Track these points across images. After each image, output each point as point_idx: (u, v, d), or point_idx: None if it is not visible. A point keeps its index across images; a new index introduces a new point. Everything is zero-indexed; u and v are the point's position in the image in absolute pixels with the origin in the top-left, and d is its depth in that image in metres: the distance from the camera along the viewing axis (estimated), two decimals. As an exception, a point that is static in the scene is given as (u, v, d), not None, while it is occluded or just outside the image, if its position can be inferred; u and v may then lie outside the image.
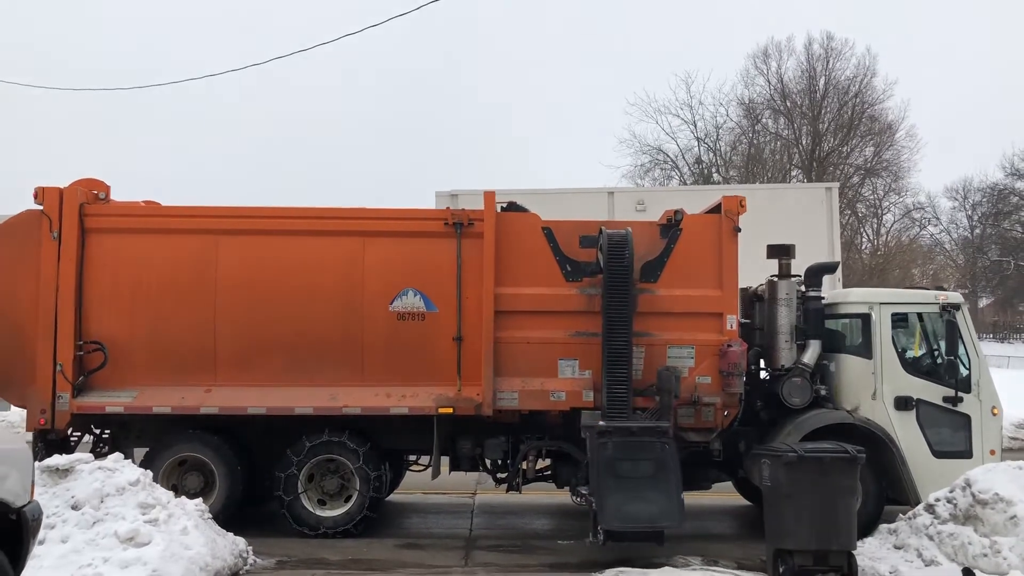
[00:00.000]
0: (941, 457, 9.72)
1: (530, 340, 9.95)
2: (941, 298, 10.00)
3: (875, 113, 53.31)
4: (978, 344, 10.13)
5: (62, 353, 9.76)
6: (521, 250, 10.02)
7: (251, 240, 10.06)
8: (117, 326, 9.93)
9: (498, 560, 9.21)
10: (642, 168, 53.09)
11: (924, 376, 10.02)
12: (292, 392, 9.88)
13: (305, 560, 8.95)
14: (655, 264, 10.02)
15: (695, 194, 25.31)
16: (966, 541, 8.15)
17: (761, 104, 54.59)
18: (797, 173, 53.13)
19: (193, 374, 9.94)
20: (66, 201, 9.88)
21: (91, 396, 9.86)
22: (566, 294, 10.00)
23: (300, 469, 9.85)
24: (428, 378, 9.94)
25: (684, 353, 9.94)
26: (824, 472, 8.02)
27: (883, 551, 8.60)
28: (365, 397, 9.87)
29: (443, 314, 9.97)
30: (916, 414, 9.86)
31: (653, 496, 8.62)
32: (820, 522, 7.97)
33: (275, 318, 9.95)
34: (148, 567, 7.31)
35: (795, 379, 9.95)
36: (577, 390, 9.88)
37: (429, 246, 10.05)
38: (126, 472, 8.26)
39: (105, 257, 9.98)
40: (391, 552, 9.47)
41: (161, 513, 7.94)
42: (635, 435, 8.86)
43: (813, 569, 8.06)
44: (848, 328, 10.40)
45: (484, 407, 9.78)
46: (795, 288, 10.25)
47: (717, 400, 9.85)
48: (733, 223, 9.96)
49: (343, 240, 10.06)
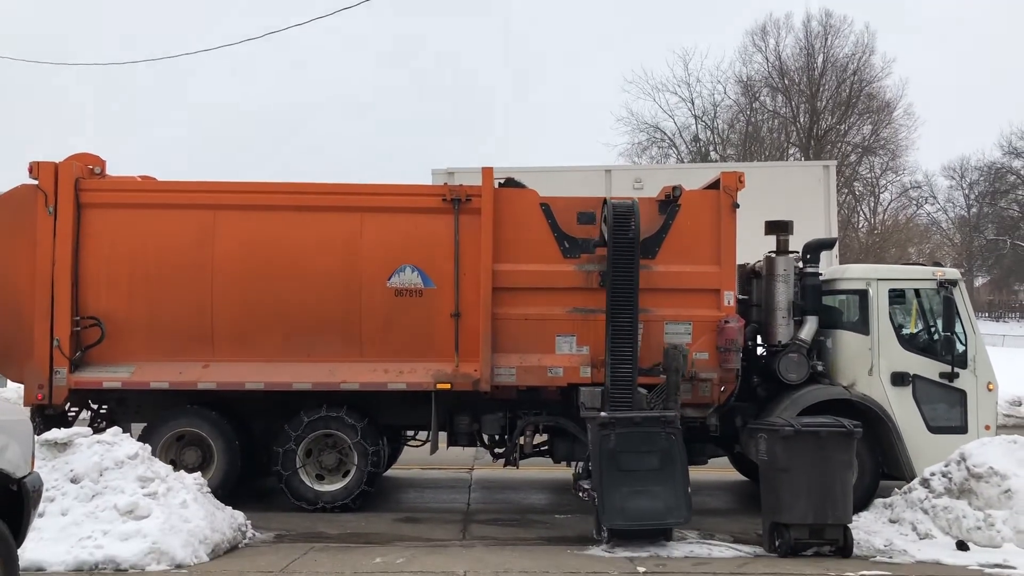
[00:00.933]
0: (937, 432, 9.76)
1: (528, 316, 9.96)
2: (938, 274, 10.01)
3: (873, 91, 53.29)
4: (975, 320, 10.15)
5: (59, 329, 9.75)
6: (519, 226, 10.00)
7: (249, 215, 10.02)
8: (114, 301, 9.92)
9: (496, 533, 9.25)
10: (639, 146, 53.14)
11: (921, 352, 10.05)
12: (290, 367, 9.88)
13: (304, 534, 8.97)
14: (653, 240, 10.01)
15: (692, 172, 25.26)
16: (960, 514, 8.23)
17: (759, 82, 54.54)
18: (794, 151, 53.09)
19: (191, 350, 9.94)
20: (61, 176, 9.83)
21: (89, 371, 9.86)
22: (564, 270, 9.99)
23: (298, 444, 9.88)
24: (426, 354, 9.95)
25: (681, 329, 9.96)
26: (821, 446, 8.06)
27: (878, 525, 8.67)
28: (363, 373, 9.88)
29: (441, 290, 9.96)
30: (912, 390, 9.90)
31: (659, 491, 8.37)
32: (816, 496, 8.02)
33: (273, 294, 9.93)
34: (148, 539, 7.35)
35: (792, 355, 9.96)
36: (575, 366, 9.89)
37: (427, 222, 10.03)
38: (125, 446, 8.27)
39: (101, 232, 9.94)
40: (390, 526, 9.51)
41: (160, 487, 7.96)
42: (640, 426, 8.53)
43: (809, 543, 8.12)
44: (845, 304, 10.41)
45: (482, 383, 9.80)
46: (793, 264, 10.25)
47: (714, 376, 9.87)
48: (731, 199, 9.95)
49: (341, 216, 10.03)
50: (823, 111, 53.49)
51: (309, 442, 9.97)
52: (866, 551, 8.18)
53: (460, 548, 8.52)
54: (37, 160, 9.85)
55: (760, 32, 53.75)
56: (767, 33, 53.56)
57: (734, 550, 8.35)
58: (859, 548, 8.17)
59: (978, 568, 7.58)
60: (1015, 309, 63.95)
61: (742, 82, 54.01)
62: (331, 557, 7.85)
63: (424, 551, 8.18)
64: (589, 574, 7.34)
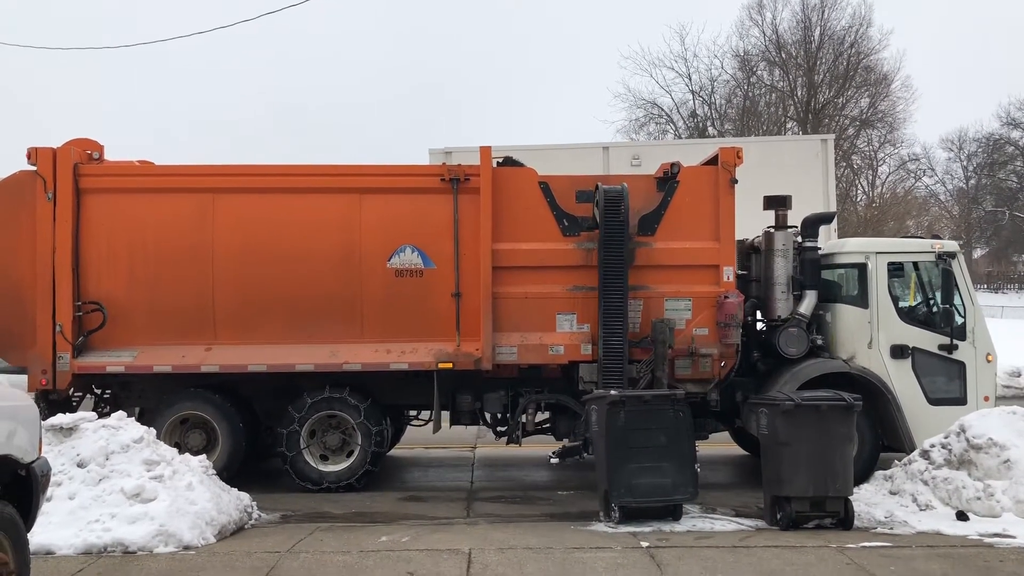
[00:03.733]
0: (936, 404, 9.81)
1: (528, 295, 9.99)
2: (937, 247, 10.03)
3: (870, 64, 52.93)
4: (973, 292, 10.17)
5: (61, 314, 9.78)
6: (518, 205, 10.01)
7: (248, 198, 10.03)
8: (115, 286, 9.94)
9: (499, 511, 9.32)
10: (637, 123, 52.79)
11: (920, 324, 10.10)
12: (292, 349, 9.92)
13: (309, 514, 9.04)
14: (652, 217, 10.03)
15: (690, 148, 25.12)
16: (960, 485, 8.28)
17: (756, 56, 54.18)
18: (792, 125, 52.83)
19: (193, 333, 9.98)
20: (60, 162, 9.83)
21: (92, 356, 9.90)
22: (563, 249, 10.02)
23: (302, 425, 9.94)
24: (427, 334, 9.99)
25: (681, 305, 9.99)
26: (821, 420, 8.11)
27: (879, 497, 8.73)
28: (365, 353, 9.92)
29: (441, 270, 9.99)
30: (912, 362, 9.94)
31: (667, 467, 8.40)
32: (817, 469, 8.07)
33: (273, 276, 9.96)
34: (155, 522, 7.41)
35: (791, 329, 10.01)
36: (575, 344, 9.94)
37: (426, 202, 10.04)
38: (130, 430, 8.31)
39: (101, 217, 9.96)
40: (394, 505, 9.58)
41: (166, 470, 8.02)
42: (649, 404, 8.57)
43: (810, 515, 8.18)
44: (844, 278, 10.44)
45: (483, 361, 9.84)
46: (792, 239, 10.28)
47: (714, 351, 9.92)
48: (730, 175, 9.95)
49: (340, 197, 10.03)
50: (820, 84, 53.19)
51: (313, 423, 10.04)
52: (867, 523, 8.23)
53: (464, 526, 8.57)
54: (35, 146, 9.86)
55: (757, 6, 53.41)
56: (764, 7, 53.21)
57: (736, 523, 8.39)
58: (860, 520, 8.21)
59: (978, 538, 7.62)
60: (1013, 280, 64.09)
61: (739, 56, 53.73)
62: (336, 536, 7.88)
63: (429, 529, 8.22)
64: (593, 549, 7.37)
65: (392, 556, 7.12)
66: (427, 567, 6.82)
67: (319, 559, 7.08)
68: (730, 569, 6.79)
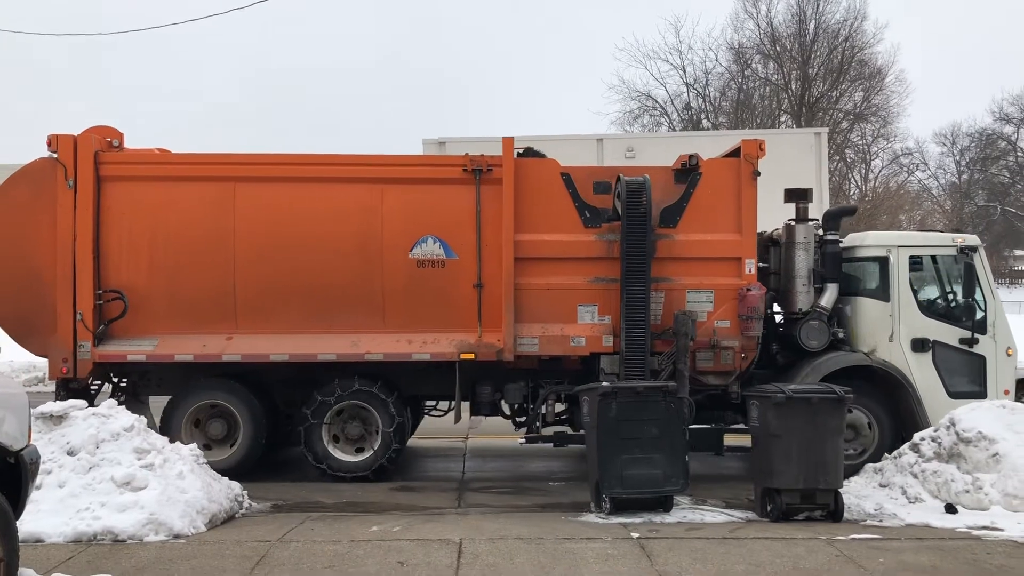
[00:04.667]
0: (956, 397, 9.83)
1: (550, 286, 9.99)
2: (959, 240, 10.07)
3: (865, 57, 52.89)
4: (994, 286, 10.23)
5: (82, 302, 9.74)
6: (540, 196, 10.00)
7: (269, 187, 10.00)
8: (136, 275, 9.91)
9: (491, 501, 9.32)
10: (631, 114, 52.66)
11: (940, 318, 10.14)
12: (313, 339, 9.90)
13: (300, 504, 8.99)
14: (674, 209, 10.03)
15: (684, 140, 25.02)
16: (949, 478, 8.34)
17: (751, 49, 54.13)
18: (786, 119, 52.83)
19: (213, 322, 9.95)
20: (80, 149, 9.78)
21: (113, 345, 9.86)
22: (585, 240, 10.01)
23: (324, 416, 9.95)
24: (448, 325, 9.98)
25: (703, 298, 10.01)
26: (812, 412, 8.10)
27: (868, 489, 8.78)
28: (386, 344, 9.90)
29: (463, 261, 9.98)
30: (932, 355, 10.00)
31: (658, 459, 8.41)
32: (807, 461, 8.07)
33: (295, 265, 9.93)
34: (145, 511, 7.35)
35: (813, 322, 10.04)
36: (597, 335, 9.95)
37: (448, 193, 10.02)
38: (120, 418, 8.24)
39: (122, 205, 9.91)
40: (386, 495, 9.53)
41: (157, 458, 7.95)
42: (641, 395, 8.54)
43: (800, 507, 8.18)
44: (865, 271, 10.46)
45: (505, 353, 9.84)
46: (813, 232, 10.30)
47: (736, 344, 9.94)
48: (752, 167, 9.97)
49: (362, 187, 10.01)
50: (815, 78, 53.17)
51: (335, 413, 10.05)
52: (856, 515, 8.25)
53: (456, 516, 8.56)
54: (56, 133, 9.80)
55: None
56: None
57: (726, 515, 8.42)
58: (849, 512, 8.22)
59: (966, 530, 7.67)
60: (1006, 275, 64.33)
61: (734, 49, 53.68)
62: (327, 526, 7.86)
63: (420, 519, 8.20)
64: (583, 540, 7.38)
65: (383, 546, 7.11)
66: (418, 557, 6.81)
67: (309, 548, 7.06)
68: (720, 560, 6.79)
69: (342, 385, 9.96)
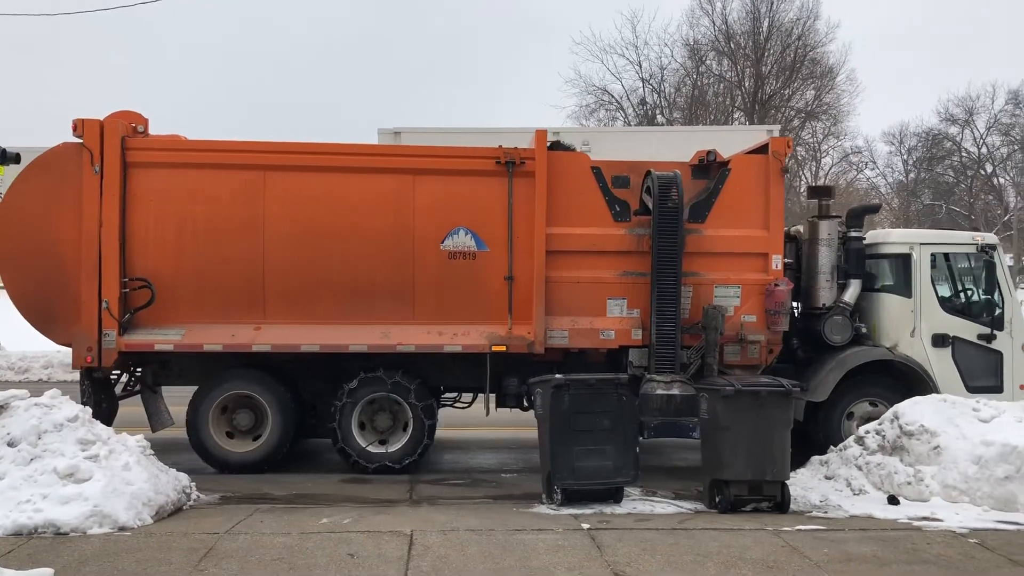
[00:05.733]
0: (974, 392, 10.04)
1: (580, 280, 10.04)
2: (979, 239, 10.36)
3: (817, 56, 53.81)
4: (1011, 283, 10.53)
5: (107, 290, 9.56)
6: (571, 190, 10.04)
7: (299, 176, 9.90)
8: (162, 263, 9.75)
9: (443, 493, 9.31)
10: (587, 108, 52.92)
11: (960, 314, 10.41)
12: (342, 330, 9.84)
13: (249, 496, 8.88)
14: (703, 204, 10.15)
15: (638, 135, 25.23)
16: (892, 470, 8.56)
17: (706, 45, 54.71)
18: (739, 115, 53.52)
19: (241, 312, 9.83)
20: (107, 134, 9.59)
21: (139, 334, 9.69)
22: (615, 234, 10.08)
23: (354, 407, 9.92)
24: (478, 317, 9.98)
25: (730, 292, 10.14)
26: (760, 405, 8.23)
27: (815, 481, 8.95)
28: (418, 335, 9.88)
29: (494, 253, 9.98)
30: (952, 351, 10.26)
31: (609, 450, 8.45)
32: (756, 454, 8.18)
33: (324, 255, 9.86)
34: (89, 503, 7.20)
35: (836, 317, 10.23)
36: (626, 328, 10.03)
37: (480, 185, 10.01)
38: (64, 408, 8.07)
39: (149, 192, 9.74)
40: (336, 487, 9.49)
41: (102, 449, 7.79)
42: (593, 387, 8.56)
43: (748, 499, 8.30)
44: (888, 268, 10.68)
45: (536, 345, 9.88)
46: (836, 228, 10.49)
47: (762, 338, 10.11)
48: (780, 164, 10.13)
49: (393, 177, 9.96)
50: (768, 76, 53.94)
51: (365, 404, 10.00)
52: (803, 506, 8.37)
53: (407, 508, 8.52)
54: (81, 117, 9.58)
55: (707, -6, 53.90)
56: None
57: (675, 506, 8.51)
58: (796, 504, 8.33)
59: (907, 521, 7.83)
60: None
61: (689, 45, 54.22)
62: (277, 518, 7.77)
63: (371, 511, 8.13)
64: (534, 531, 7.40)
65: (333, 538, 7.06)
66: (368, 549, 6.78)
67: (258, 540, 6.98)
68: (668, 551, 6.87)
69: (372, 378, 9.91)
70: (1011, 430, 8.30)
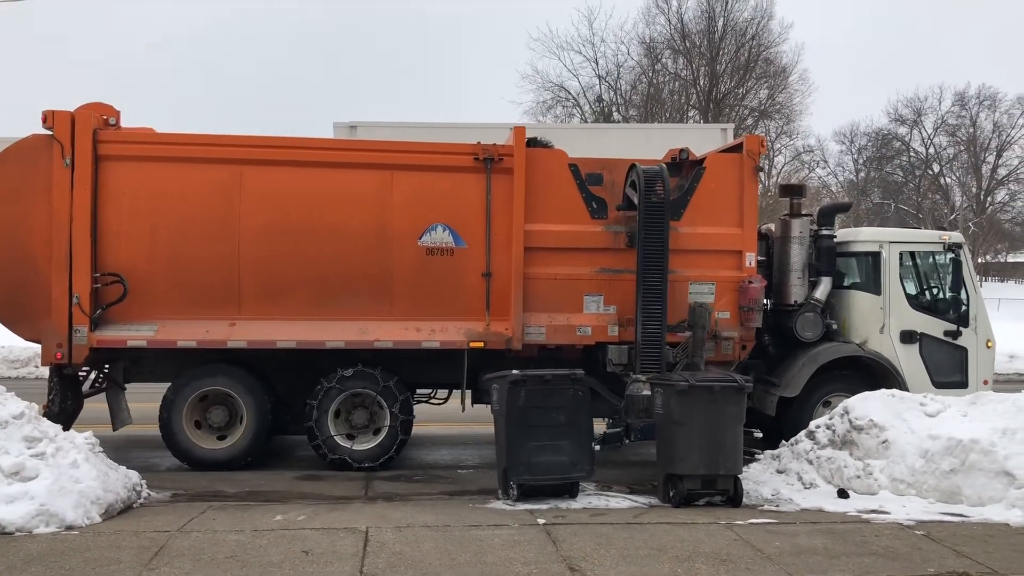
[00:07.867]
0: (940, 387, 10.33)
1: (557, 276, 10.07)
2: (945, 238, 10.59)
3: (770, 56, 54.50)
4: (976, 281, 10.78)
5: (78, 285, 9.39)
6: (548, 187, 10.06)
7: (277, 171, 9.79)
8: (135, 258, 9.59)
9: (398, 489, 9.26)
10: (544, 105, 53.05)
11: (927, 311, 10.66)
12: (320, 326, 9.77)
13: (201, 493, 8.82)
14: (678, 202, 10.22)
15: (595, 132, 25.21)
16: (842, 464, 8.72)
17: (661, 44, 55.13)
18: (694, 114, 53.99)
19: (216, 307, 9.71)
20: (79, 126, 9.40)
21: (111, 330, 9.53)
22: (592, 231, 10.13)
23: (329, 405, 9.87)
24: (456, 313, 9.98)
25: (705, 289, 10.24)
26: (714, 400, 8.31)
27: (767, 475, 9.09)
28: (395, 331, 9.84)
29: (472, 250, 9.98)
30: (919, 347, 10.49)
31: (565, 446, 8.48)
32: (709, 448, 8.27)
33: (301, 250, 9.77)
34: (35, 501, 7.06)
35: (808, 314, 10.40)
36: (603, 325, 10.09)
37: (458, 181, 9.99)
38: (9, 405, 7.88)
39: (122, 186, 9.57)
40: (290, 484, 9.43)
41: (48, 447, 7.63)
42: (549, 383, 8.58)
43: (701, 493, 8.40)
44: (857, 265, 10.89)
45: (514, 341, 9.90)
46: (808, 227, 10.65)
47: (736, 334, 10.23)
48: (754, 162, 10.25)
49: (371, 173, 9.90)
50: (722, 75, 54.50)
51: (341, 401, 9.95)
52: (755, 500, 8.47)
53: (362, 504, 8.48)
54: (51, 109, 9.37)
55: (663, -7, 54.28)
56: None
57: (630, 501, 8.56)
58: (748, 498, 8.45)
59: (856, 514, 7.95)
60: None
61: (645, 43, 54.59)
62: (229, 516, 7.69)
63: (326, 508, 8.10)
64: (490, 526, 7.42)
65: (287, 535, 7.01)
66: (323, 546, 6.75)
67: (211, 538, 6.91)
68: (623, 545, 6.92)
69: (349, 375, 9.88)
70: (956, 424, 8.46)
